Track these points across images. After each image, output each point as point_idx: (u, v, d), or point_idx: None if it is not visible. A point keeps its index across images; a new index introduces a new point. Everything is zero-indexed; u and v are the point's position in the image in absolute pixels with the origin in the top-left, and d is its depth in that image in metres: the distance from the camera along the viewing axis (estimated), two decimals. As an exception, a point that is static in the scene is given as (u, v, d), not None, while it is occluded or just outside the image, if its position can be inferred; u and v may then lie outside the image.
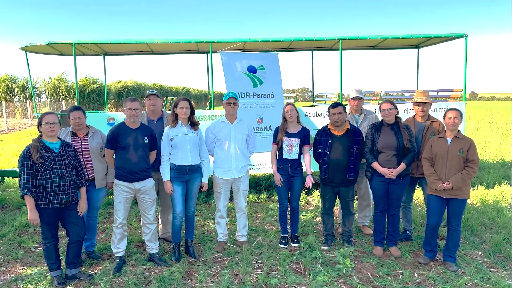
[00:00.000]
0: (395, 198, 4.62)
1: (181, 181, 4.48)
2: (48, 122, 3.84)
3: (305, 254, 4.64)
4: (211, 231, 5.53)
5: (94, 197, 4.47)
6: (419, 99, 4.82)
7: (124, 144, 4.21)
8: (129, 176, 4.23)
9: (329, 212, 4.94)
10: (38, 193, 3.75)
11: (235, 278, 4.13)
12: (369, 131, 4.68)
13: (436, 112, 6.73)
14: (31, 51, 7.30)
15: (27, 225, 5.71)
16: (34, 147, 3.78)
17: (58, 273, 4.02)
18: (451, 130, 4.26)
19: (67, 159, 3.91)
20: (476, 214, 5.88)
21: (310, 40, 7.15)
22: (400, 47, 8.96)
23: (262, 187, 7.81)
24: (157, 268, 4.37)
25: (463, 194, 4.22)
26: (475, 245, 4.87)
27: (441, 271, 4.24)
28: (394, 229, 4.71)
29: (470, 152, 4.17)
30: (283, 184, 4.86)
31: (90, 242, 4.65)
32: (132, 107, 4.22)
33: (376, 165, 4.56)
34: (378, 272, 4.23)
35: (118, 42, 6.94)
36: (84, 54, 8.31)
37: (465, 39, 6.90)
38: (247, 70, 6.56)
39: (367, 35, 7.19)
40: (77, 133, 4.39)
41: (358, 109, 5.28)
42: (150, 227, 4.48)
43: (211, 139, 4.79)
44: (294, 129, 4.89)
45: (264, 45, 7.22)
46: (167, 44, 7.59)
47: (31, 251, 4.92)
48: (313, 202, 7.01)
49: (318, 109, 7.07)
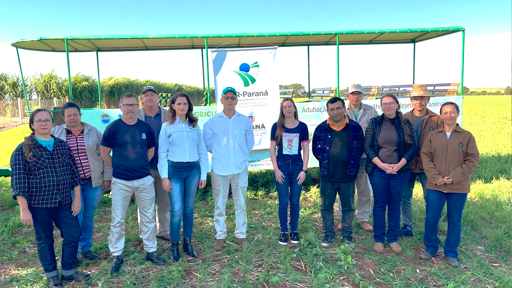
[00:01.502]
0: (396, 193, 4.58)
1: (179, 178, 4.39)
2: (40, 119, 3.72)
3: (305, 251, 4.59)
4: (209, 229, 5.45)
5: (90, 196, 4.38)
6: (416, 93, 4.76)
7: (121, 141, 4.11)
8: (127, 174, 4.13)
9: (329, 208, 4.89)
10: (31, 193, 3.64)
11: (235, 276, 4.07)
12: (370, 126, 4.62)
13: (433, 106, 6.69)
14: (22, 47, 7.14)
15: (21, 225, 5.59)
16: (26, 145, 3.66)
17: (54, 274, 3.92)
18: (449, 125, 4.22)
19: (61, 157, 3.80)
20: (475, 209, 5.87)
21: (307, 34, 7.07)
22: (397, 42, 8.92)
23: (259, 184, 7.75)
24: (156, 267, 4.29)
25: (463, 189, 4.18)
26: (476, 240, 4.85)
27: (443, 266, 4.21)
28: (395, 223, 4.67)
29: (470, 146, 4.14)
30: (284, 180, 4.80)
31: (86, 242, 4.55)
32: (129, 102, 4.12)
33: (376, 160, 4.50)
34: (380, 268, 4.19)
35: (112, 38, 6.81)
36: (77, 50, 8.15)
37: (462, 33, 6.86)
38: (239, 69, 6.53)
39: (364, 29, 7.12)
40: (72, 131, 4.28)
41: (357, 104, 5.22)
42: (148, 225, 4.39)
43: (209, 135, 4.71)
44: (292, 124, 4.82)
45: (260, 39, 7.13)
46: (162, 40, 7.48)
47: (26, 252, 4.81)
48: (311, 198, 6.96)
49: (315, 105, 7.00)
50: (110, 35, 6.74)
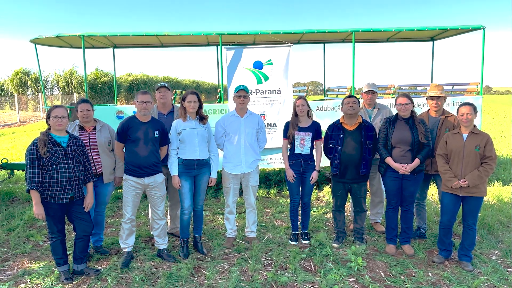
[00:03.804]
0: (409, 195, 4.49)
1: (189, 176, 4.40)
2: (56, 115, 3.77)
3: (315, 252, 4.55)
4: (220, 227, 5.46)
5: (101, 192, 4.43)
6: (433, 93, 4.66)
7: (133, 138, 4.13)
8: (138, 171, 4.15)
9: (341, 209, 4.83)
10: (44, 188, 3.70)
11: (244, 275, 4.06)
12: (383, 125, 4.54)
13: (451, 106, 6.55)
14: (40, 43, 7.26)
15: (36, 219, 5.70)
16: (41, 141, 3.72)
17: (65, 268, 3.98)
18: (465, 126, 4.11)
19: (74, 154, 3.85)
20: (492, 212, 5.72)
21: (322, 32, 6.99)
22: (415, 40, 8.75)
23: (272, 182, 7.72)
24: (165, 264, 4.31)
25: (479, 192, 4.07)
26: (492, 244, 4.72)
27: (457, 270, 4.11)
28: (408, 225, 4.58)
29: (487, 148, 4.02)
30: (295, 179, 4.76)
31: (98, 237, 4.61)
32: (143, 99, 4.14)
33: (389, 160, 4.42)
34: (391, 271, 4.11)
35: (127, 35, 6.86)
36: (94, 46, 8.26)
37: (483, 31, 6.69)
38: (252, 66, 6.51)
39: (381, 27, 7.00)
40: (85, 127, 4.33)
41: (371, 103, 5.13)
42: (159, 222, 4.41)
43: (221, 133, 4.70)
44: (305, 123, 4.77)
45: (275, 37, 7.09)
46: (177, 37, 7.51)
47: (39, 245, 4.90)
48: (323, 198, 6.90)
49: (329, 103, 6.93)
50: (125, 32, 6.80)
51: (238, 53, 6.49)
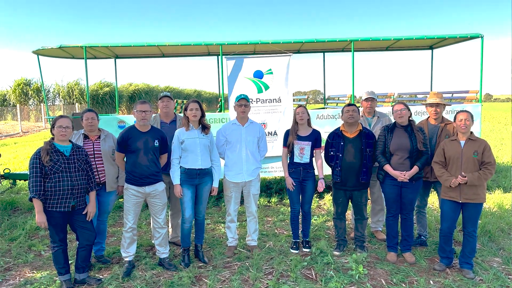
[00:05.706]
0: (408, 202, 4.50)
1: (191, 185, 4.43)
2: (61, 125, 3.83)
3: (316, 260, 4.55)
4: (221, 235, 5.47)
5: (104, 201, 4.45)
6: (432, 100, 4.70)
7: (134, 148, 4.16)
8: (139, 180, 4.18)
9: (342, 216, 4.85)
10: (46, 196, 3.73)
11: (245, 284, 4.06)
12: (382, 133, 4.57)
13: (451, 114, 6.58)
14: (43, 54, 7.34)
15: (38, 228, 5.72)
16: (44, 150, 3.77)
17: (67, 277, 3.99)
18: (463, 133, 4.14)
19: (77, 162, 3.89)
20: (493, 219, 5.72)
21: (321, 41, 7.06)
22: (414, 48, 8.82)
23: (273, 191, 7.73)
24: (167, 273, 4.32)
25: (479, 198, 4.08)
26: (493, 252, 4.72)
27: (458, 278, 4.11)
28: (408, 233, 4.59)
29: (486, 154, 4.04)
30: (295, 188, 4.79)
31: (99, 246, 4.62)
32: (142, 109, 4.18)
33: (388, 168, 4.45)
34: (392, 279, 4.11)
35: (129, 45, 6.94)
36: (95, 57, 8.34)
37: (481, 39, 6.75)
38: (253, 76, 6.58)
39: (380, 36, 7.07)
40: (89, 136, 4.37)
41: (371, 111, 5.17)
42: (160, 231, 4.43)
43: (222, 142, 4.73)
44: (305, 131, 4.81)
45: (275, 46, 7.15)
46: (178, 47, 7.59)
47: (41, 255, 4.91)
48: (324, 206, 6.91)
49: (329, 112, 6.97)
50: (127, 43, 6.88)
51: (238, 62, 6.55)
